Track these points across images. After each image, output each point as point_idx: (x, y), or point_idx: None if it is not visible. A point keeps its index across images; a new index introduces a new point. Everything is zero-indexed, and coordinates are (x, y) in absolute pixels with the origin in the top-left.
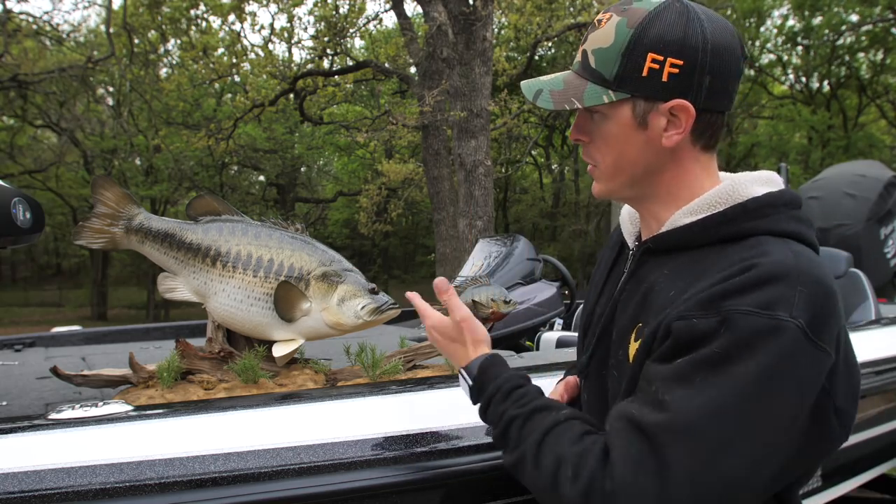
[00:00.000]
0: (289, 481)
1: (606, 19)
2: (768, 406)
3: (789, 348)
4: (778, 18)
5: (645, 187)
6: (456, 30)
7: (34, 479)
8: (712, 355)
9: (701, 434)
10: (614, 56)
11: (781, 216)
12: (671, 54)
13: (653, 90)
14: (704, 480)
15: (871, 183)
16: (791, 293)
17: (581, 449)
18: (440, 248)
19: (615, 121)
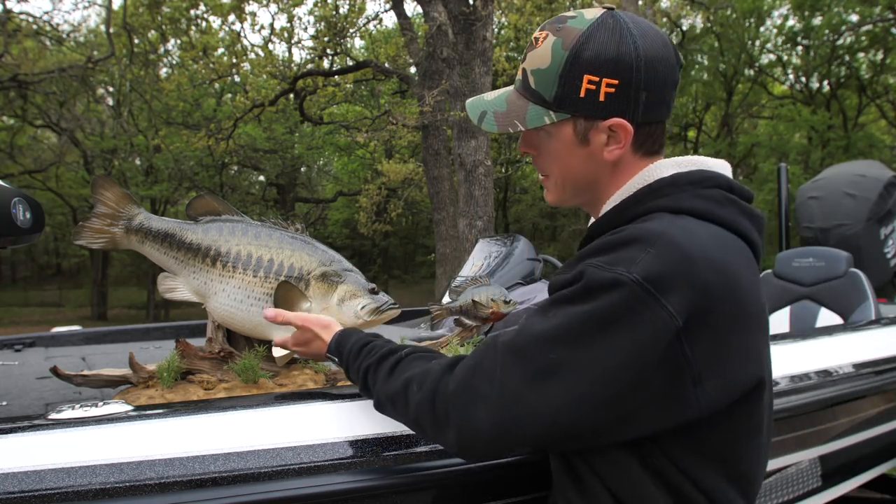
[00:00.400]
0: (289, 481)
1: (543, 38)
2: (595, 348)
3: (624, 300)
4: (778, 18)
5: (591, 195)
6: (456, 30)
7: (34, 479)
8: (563, 296)
9: (531, 354)
10: (552, 78)
11: (684, 194)
12: (606, 74)
13: (591, 110)
14: (525, 397)
15: (871, 183)
16: (639, 254)
17: (426, 367)
18: (440, 248)
19: (558, 138)
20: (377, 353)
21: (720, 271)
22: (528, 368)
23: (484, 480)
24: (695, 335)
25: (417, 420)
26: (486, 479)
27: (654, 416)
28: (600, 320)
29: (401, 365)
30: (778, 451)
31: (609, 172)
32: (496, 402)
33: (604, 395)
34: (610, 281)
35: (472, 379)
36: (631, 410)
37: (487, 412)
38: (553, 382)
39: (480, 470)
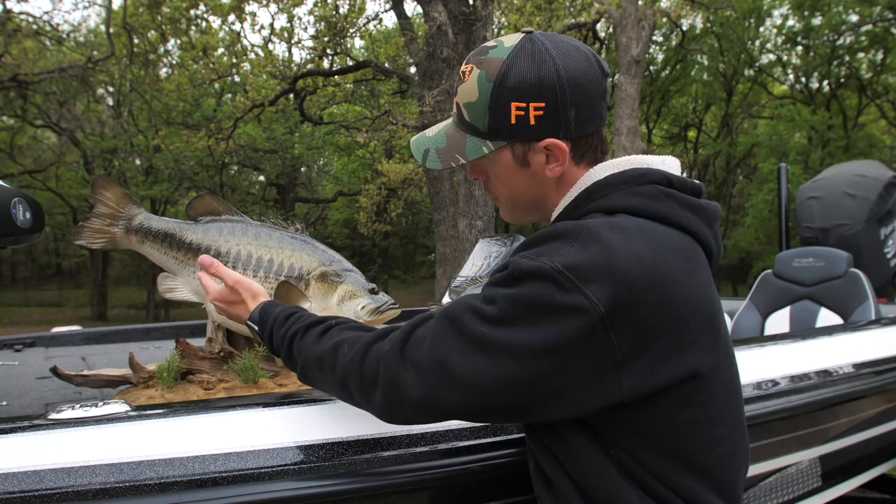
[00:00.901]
0: (289, 481)
1: (469, 71)
2: (520, 330)
3: (545, 287)
4: (778, 18)
5: (542, 211)
6: (456, 30)
7: (34, 479)
8: (493, 280)
9: (462, 325)
10: (482, 110)
11: (618, 193)
12: (532, 99)
13: (524, 134)
14: (452, 365)
15: (871, 183)
16: (563, 247)
17: (358, 334)
18: (440, 248)
19: (499, 164)
20: (305, 320)
21: (644, 263)
22: (458, 338)
23: (484, 480)
24: (619, 323)
25: (344, 381)
26: (487, 478)
27: (579, 397)
28: (525, 305)
29: (332, 331)
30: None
31: (554, 188)
32: (425, 366)
33: (527, 373)
34: (533, 269)
35: (404, 343)
36: (555, 390)
37: (416, 376)
38: (480, 355)
39: (481, 470)
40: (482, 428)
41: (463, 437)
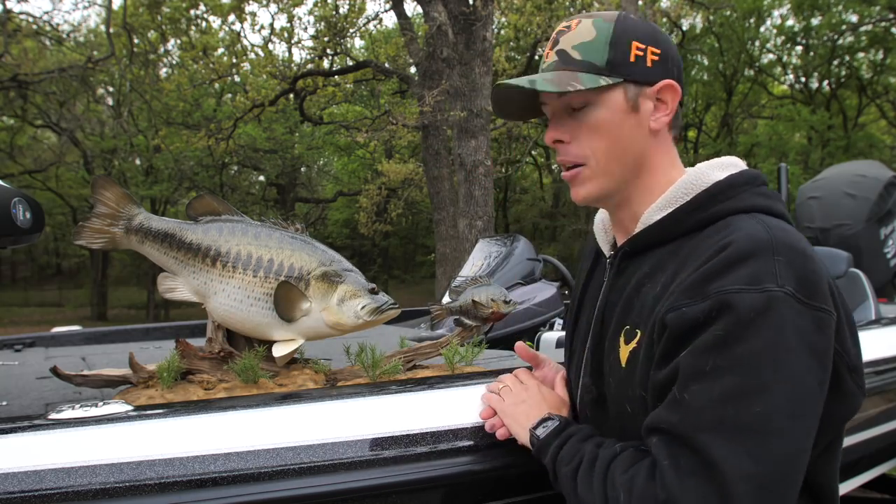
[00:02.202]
0: (289, 481)
1: (577, 23)
2: (788, 376)
3: (788, 316)
4: (778, 18)
5: (631, 180)
6: (456, 30)
7: (34, 479)
8: (715, 340)
9: (733, 423)
10: (601, 45)
11: (745, 194)
12: (650, 43)
13: (641, 74)
14: (758, 468)
15: (871, 183)
16: (771, 264)
17: (631, 474)
18: (440, 248)
19: (607, 107)
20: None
21: (816, 258)
22: (740, 438)
23: (484, 480)
24: (838, 326)
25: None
26: (486, 478)
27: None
28: (777, 348)
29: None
30: None
31: (650, 150)
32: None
33: (813, 420)
34: (763, 301)
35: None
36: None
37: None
38: (773, 438)
39: (481, 470)
40: (482, 427)
41: (463, 437)
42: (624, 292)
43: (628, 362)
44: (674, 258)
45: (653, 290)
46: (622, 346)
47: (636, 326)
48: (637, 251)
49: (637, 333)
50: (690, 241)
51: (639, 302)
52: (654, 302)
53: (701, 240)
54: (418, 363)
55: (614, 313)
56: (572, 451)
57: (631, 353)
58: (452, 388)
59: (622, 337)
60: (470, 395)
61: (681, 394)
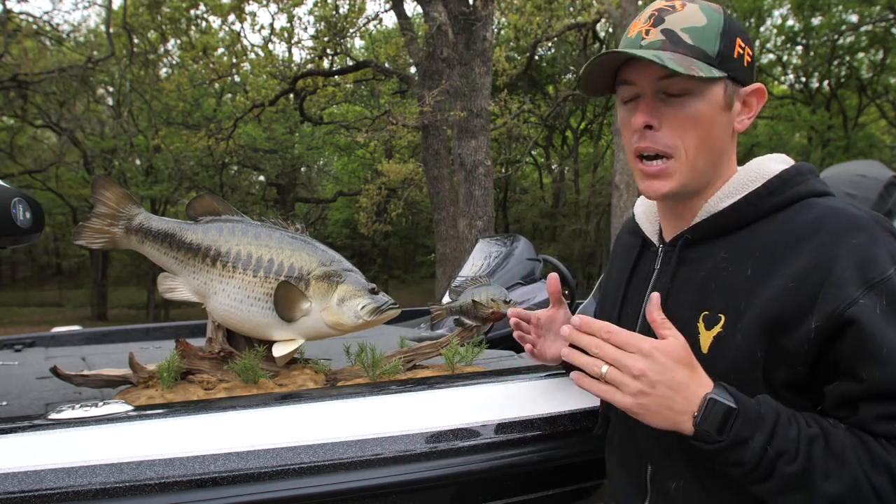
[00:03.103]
0: (289, 481)
1: (680, 5)
2: None
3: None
4: (778, 18)
5: (710, 176)
6: (456, 30)
7: (34, 479)
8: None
9: None
10: (714, 35)
11: (811, 181)
12: (748, 44)
13: (740, 73)
14: None
15: (871, 183)
16: (889, 241)
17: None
18: (440, 248)
19: (707, 100)
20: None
21: None
22: None
23: (484, 480)
24: None
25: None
26: (487, 478)
27: None
28: None
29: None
30: None
31: (729, 149)
32: None
33: None
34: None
35: None
36: None
37: None
38: None
39: (481, 470)
40: (482, 427)
41: (463, 437)
42: (695, 278)
43: (712, 347)
44: (755, 242)
45: (740, 275)
46: (703, 332)
47: (719, 311)
48: (701, 239)
49: (720, 318)
50: (770, 224)
51: (718, 287)
52: (745, 286)
53: (786, 221)
54: (418, 363)
55: (684, 301)
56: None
57: (716, 338)
58: (452, 388)
59: (701, 323)
60: (470, 395)
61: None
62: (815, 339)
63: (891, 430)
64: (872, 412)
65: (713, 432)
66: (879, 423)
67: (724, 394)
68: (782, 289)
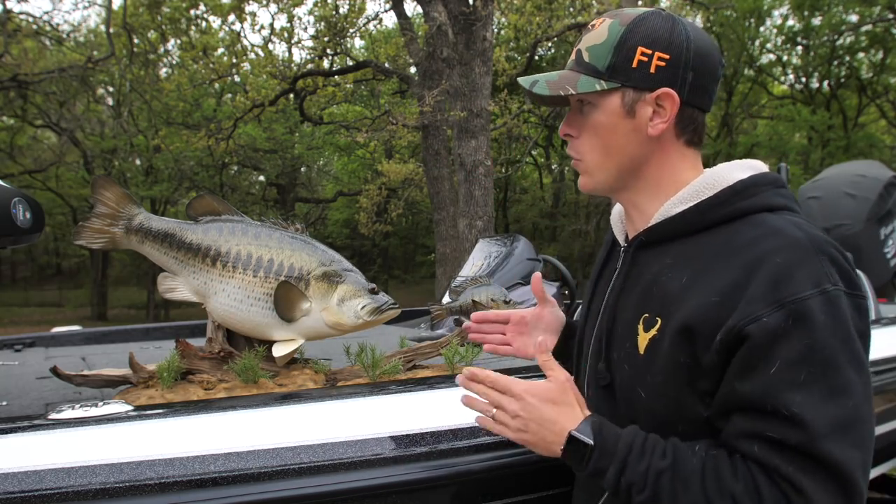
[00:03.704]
0: (289, 481)
1: (600, 23)
2: (858, 365)
3: (846, 310)
4: (778, 18)
5: (629, 178)
6: (456, 30)
7: (34, 479)
8: (802, 349)
9: (840, 423)
10: (607, 50)
11: (768, 193)
12: (659, 49)
13: (641, 80)
14: (864, 456)
15: (871, 183)
16: (820, 264)
17: (746, 486)
18: (440, 248)
19: (604, 110)
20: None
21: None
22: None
23: (484, 480)
24: None
25: None
26: (487, 478)
27: None
28: (847, 341)
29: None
30: None
31: (653, 153)
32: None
33: (871, 390)
34: (827, 303)
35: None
36: None
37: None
38: (867, 424)
39: (481, 470)
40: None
41: (463, 437)
42: (640, 281)
43: (647, 349)
44: (698, 251)
45: (676, 281)
46: (640, 334)
47: (656, 315)
48: (654, 242)
49: (657, 322)
50: (717, 235)
51: (659, 291)
52: (678, 292)
53: (731, 235)
54: (418, 363)
55: (630, 301)
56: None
57: (651, 340)
58: (452, 388)
59: (640, 324)
60: None
61: (789, 409)
62: (720, 352)
63: (747, 448)
64: (738, 427)
65: (576, 464)
66: (740, 440)
67: (586, 429)
68: (706, 301)
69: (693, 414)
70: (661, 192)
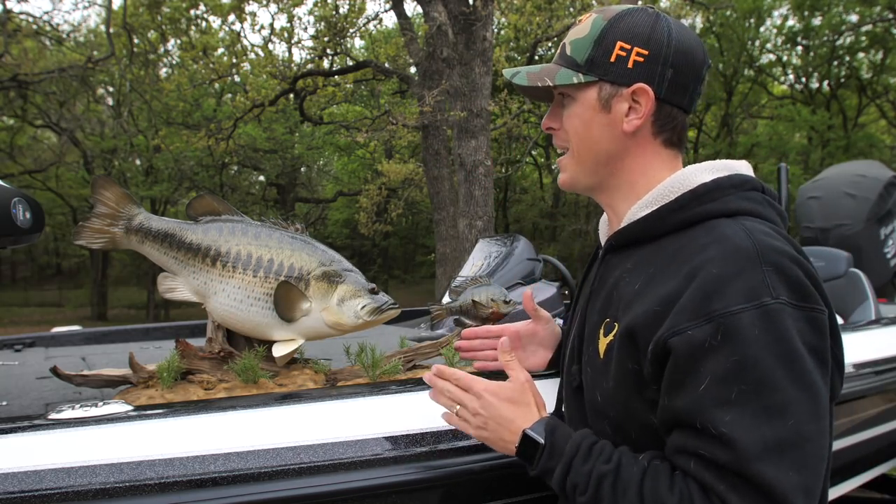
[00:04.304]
0: (289, 481)
1: (585, 18)
2: (804, 383)
3: (788, 324)
4: (778, 18)
5: (606, 175)
6: (456, 30)
7: (34, 479)
8: (732, 366)
9: (775, 443)
10: (587, 43)
11: (731, 197)
12: (638, 44)
13: (618, 75)
14: (802, 477)
15: (871, 183)
16: (761, 276)
17: (681, 499)
18: (440, 248)
19: (581, 103)
20: (613, 458)
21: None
22: (788, 456)
23: (484, 480)
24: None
25: None
26: (487, 478)
27: None
28: (788, 359)
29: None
30: None
31: (628, 149)
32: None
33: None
34: (762, 317)
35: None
36: None
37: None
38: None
39: (481, 470)
40: None
41: (463, 437)
42: (605, 285)
43: (604, 354)
44: (655, 257)
45: (631, 286)
46: (601, 338)
47: (614, 319)
48: (621, 246)
49: (615, 326)
50: (674, 241)
51: (617, 296)
52: (630, 297)
53: (684, 242)
54: (418, 363)
55: (596, 305)
56: (582, 477)
57: (608, 345)
58: None
59: (602, 329)
60: None
61: (717, 428)
62: (653, 363)
63: (683, 463)
64: (675, 442)
65: (527, 462)
66: (677, 456)
67: (539, 429)
68: (648, 309)
69: (645, 420)
70: (634, 193)
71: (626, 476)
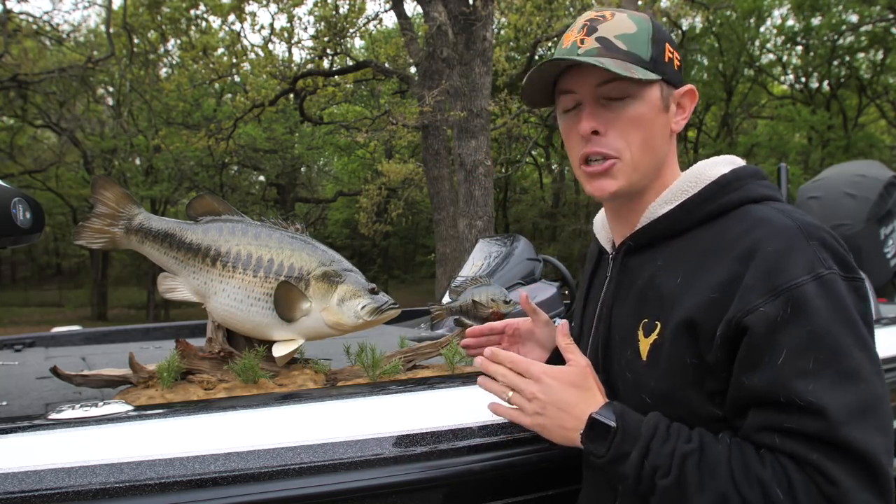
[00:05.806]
0: (289, 481)
1: (611, 14)
2: (864, 344)
3: (843, 293)
4: (778, 18)
5: (653, 177)
6: (456, 30)
7: (34, 479)
8: (806, 335)
9: (857, 407)
10: (645, 40)
11: (752, 185)
12: (674, 47)
13: (672, 76)
14: (886, 438)
15: (871, 183)
16: (812, 250)
17: (775, 472)
18: (440, 248)
19: (646, 102)
20: (693, 438)
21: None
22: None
23: (484, 480)
24: None
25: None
26: (487, 478)
27: None
28: (848, 323)
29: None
30: None
31: (671, 150)
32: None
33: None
34: (823, 287)
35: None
36: None
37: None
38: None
39: (481, 470)
40: (482, 427)
41: (463, 437)
42: (633, 286)
43: (650, 355)
44: (688, 250)
45: (671, 282)
46: (641, 340)
47: (655, 319)
48: (642, 246)
49: (657, 326)
50: (706, 231)
51: (654, 294)
52: (673, 293)
53: (721, 230)
54: (418, 363)
55: (625, 309)
56: (664, 458)
57: (652, 345)
58: (452, 388)
59: (641, 330)
60: (470, 395)
61: (803, 398)
62: (721, 346)
63: (769, 440)
64: (755, 421)
65: (596, 448)
66: (760, 434)
67: (608, 413)
68: (705, 299)
69: (705, 413)
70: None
71: (711, 455)
